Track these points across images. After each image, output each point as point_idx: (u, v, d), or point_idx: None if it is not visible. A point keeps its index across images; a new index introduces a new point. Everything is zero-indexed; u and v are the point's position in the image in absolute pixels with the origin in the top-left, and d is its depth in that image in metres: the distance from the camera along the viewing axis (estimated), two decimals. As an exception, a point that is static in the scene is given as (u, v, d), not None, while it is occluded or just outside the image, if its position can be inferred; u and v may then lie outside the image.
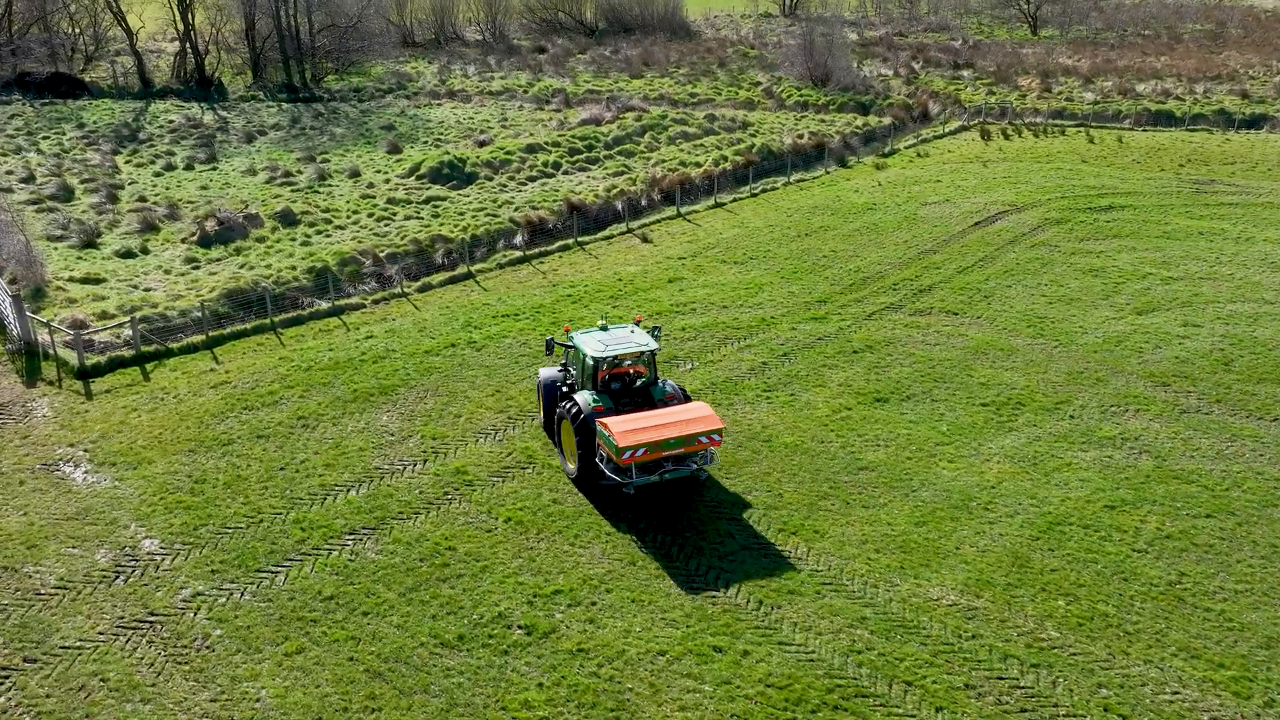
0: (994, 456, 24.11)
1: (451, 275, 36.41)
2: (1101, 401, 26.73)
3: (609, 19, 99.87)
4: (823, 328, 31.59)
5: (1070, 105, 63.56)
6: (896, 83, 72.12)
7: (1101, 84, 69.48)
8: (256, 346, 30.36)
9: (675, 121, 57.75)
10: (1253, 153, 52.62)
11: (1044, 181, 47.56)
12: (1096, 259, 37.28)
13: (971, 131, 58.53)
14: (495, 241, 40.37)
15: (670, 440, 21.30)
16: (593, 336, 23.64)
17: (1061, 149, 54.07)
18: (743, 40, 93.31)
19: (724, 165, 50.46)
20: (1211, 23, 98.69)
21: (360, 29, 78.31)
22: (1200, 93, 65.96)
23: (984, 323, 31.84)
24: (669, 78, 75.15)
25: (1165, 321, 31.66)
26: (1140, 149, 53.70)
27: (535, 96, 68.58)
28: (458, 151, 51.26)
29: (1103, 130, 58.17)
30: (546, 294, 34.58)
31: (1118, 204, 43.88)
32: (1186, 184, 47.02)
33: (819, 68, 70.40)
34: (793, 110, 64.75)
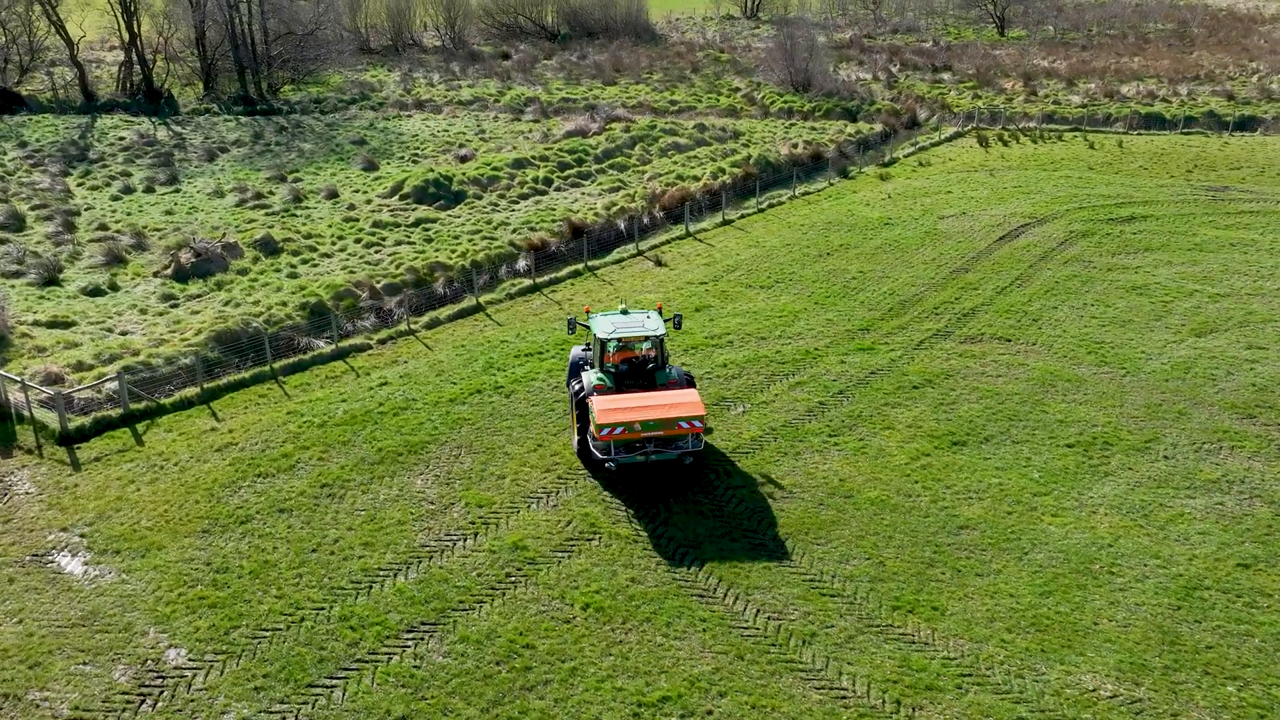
0: (1099, 508, 22.07)
1: (460, 309, 33.56)
2: (1191, 438, 24.88)
3: (571, 23, 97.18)
4: (873, 359, 29.40)
5: (1059, 109, 62.40)
6: (878, 87, 70.53)
7: (1084, 86, 68.56)
8: (258, 399, 27.28)
9: (665, 132, 55.32)
10: (1255, 157, 51.72)
11: (1056, 191, 46.00)
12: (1135, 275, 35.64)
13: (967, 138, 56.96)
14: (497, 268, 37.59)
15: (649, 422, 21.93)
16: (608, 319, 24.60)
17: (1064, 155, 52.68)
18: (711, 44, 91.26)
19: (723, 178, 48.17)
20: (1173, 22, 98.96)
21: (316, 37, 74.73)
22: (1185, 94, 65.29)
23: (1041, 350, 29.90)
24: (644, 84, 72.74)
25: (1228, 345, 30.01)
26: (1143, 154, 52.51)
27: (508, 106, 65.70)
28: (442, 168, 48.28)
29: (1099, 135, 57.00)
30: (566, 326, 31.89)
31: (1138, 214, 42.43)
32: (1200, 191, 45.80)
33: (799, 73, 68.50)
34: (779, 118, 62.72)
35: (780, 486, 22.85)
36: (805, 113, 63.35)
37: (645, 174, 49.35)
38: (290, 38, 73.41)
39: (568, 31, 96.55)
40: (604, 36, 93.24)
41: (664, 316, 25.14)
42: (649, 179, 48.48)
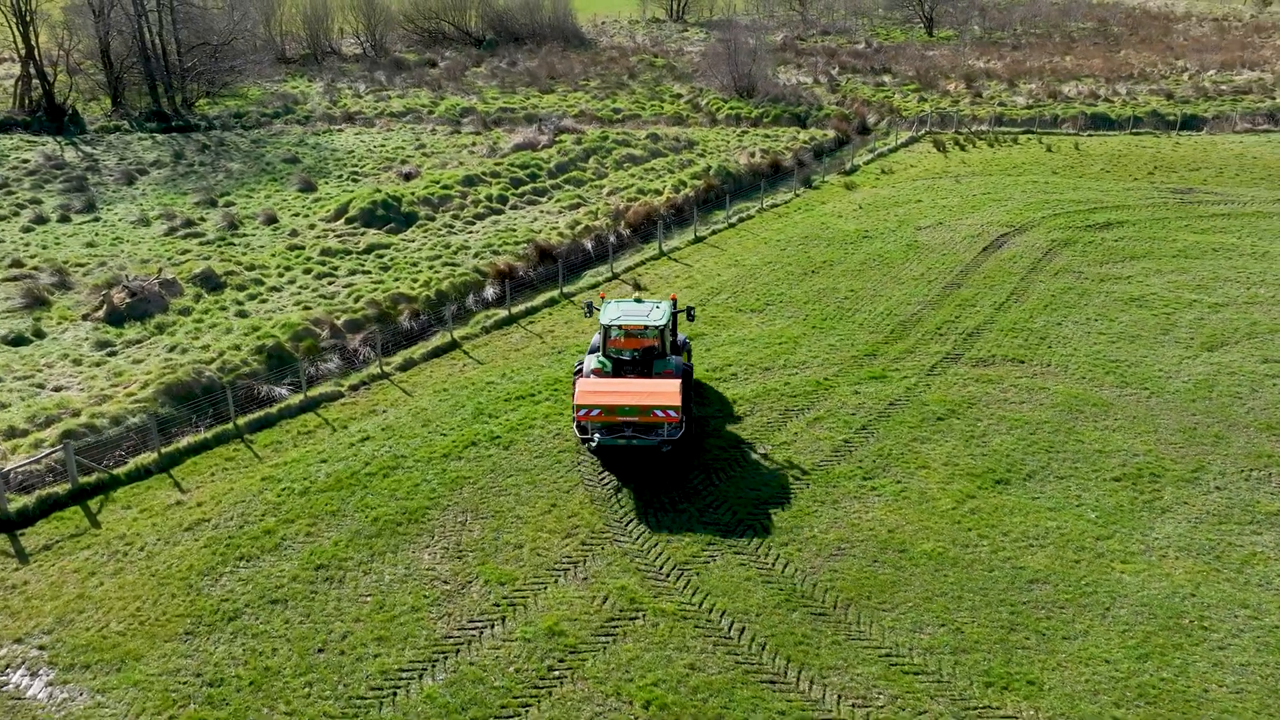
0: (1167, 550, 20.62)
1: (434, 346, 30.86)
2: (1237, 465, 23.70)
3: (496, 29, 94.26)
4: (888, 389, 27.69)
5: (1006, 110, 62.01)
6: (821, 91, 69.45)
7: (1025, 86, 68.46)
8: (226, 463, 24.28)
9: (618, 143, 53.10)
10: (1209, 157, 51.77)
11: (1026, 197, 45.16)
12: (1129, 285, 34.72)
13: (923, 143, 56.03)
14: (464, 296, 34.96)
15: (624, 407, 22.82)
16: (618, 306, 25.69)
17: (1024, 159, 52.03)
18: (642, 48, 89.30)
19: (685, 191, 46.21)
20: (1093, 20, 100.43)
21: (232, 47, 70.60)
22: (1124, 94, 65.58)
23: (1057, 371, 28.57)
24: (583, 92, 70.43)
25: (1241, 359, 29.10)
26: (1101, 156, 52.16)
27: (444, 118, 62.71)
28: (389, 188, 45.29)
29: (1053, 137, 56.62)
30: (554, 363, 29.54)
31: (1114, 220, 41.74)
32: (1167, 194, 45.43)
33: (742, 78, 66.96)
34: (728, 125, 61.06)
35: (827, 542, 20.90)
36: (753, 119, 61.81)
37: (603, 188, 47.09)
38: (204, 48, 69.16)
39: (493, 37, 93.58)
40: (531, 42, 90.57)
41: (678, 309, 26.11)
42: (609, 194, 46.25)
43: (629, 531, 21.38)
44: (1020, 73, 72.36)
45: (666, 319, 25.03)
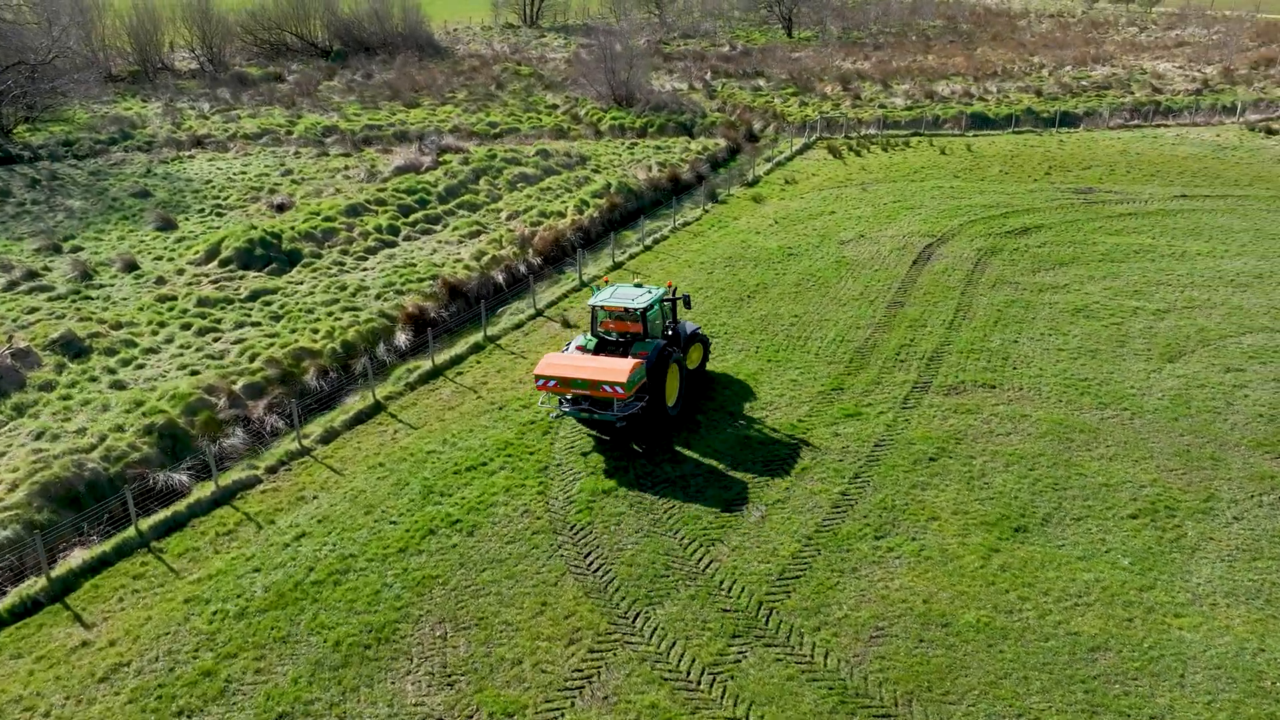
0: (1214, 597, 19.28)
1: (356, 411, 27.14)
2: (1244, 490, 22.75)
3: (343, 38, 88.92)
4: (866, 427, 25.75)
5: (888, 113, 61.74)
6: (699, 97, 67.81)
7: (900, 87, 68.60)
8: (135, 583, 20.18)
9: (508, 162, 49.80)
10: (1095, 154, 52.47)
11: (937, 204, 44.40)
12: (1068, 294, 34.02)
13: (817, 150, 54.93)
14: (374, 346, 31.30)
15: (576, 380, 23.81)
16: (610, 289, 26.73)
17: (921, 163, 51.49)
18: (502, 56, 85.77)
19: (589, 212, 43.48)
20: (942, 19, 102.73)
21: (54, 65, 63.50)
22: (996, 92, 66.45)
23: (1032, 395, 27.27)
24: (451, 105, 66.62)
25: (1203, 369, 28.52)
26: (995, 158, 52.15)
27: (306, 138, 57.89)
28: (265, 223, 40.78)
29: (944, 139, 56.48)
30: (501, 423, 26.38)
31: (1030, 225, 41.33)
32: (1069, 195, 45.50)
33: (620, 86, 64.58)
34: (614, 136, 58.55)
35: (862, 621, 18.65)
36: (639, 130, 59.52)
37: (501, 212, 43.81)
38: (21, 68, 61.88)
39: (341, 48, 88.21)
40: (384, 52, 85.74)
41: (673, 296, 26.87)
42: (508, 218, 43.04)
43: (638, 628, 18.62)
44: (891, 73, 72.61)
45: (650, 303, 25.60)
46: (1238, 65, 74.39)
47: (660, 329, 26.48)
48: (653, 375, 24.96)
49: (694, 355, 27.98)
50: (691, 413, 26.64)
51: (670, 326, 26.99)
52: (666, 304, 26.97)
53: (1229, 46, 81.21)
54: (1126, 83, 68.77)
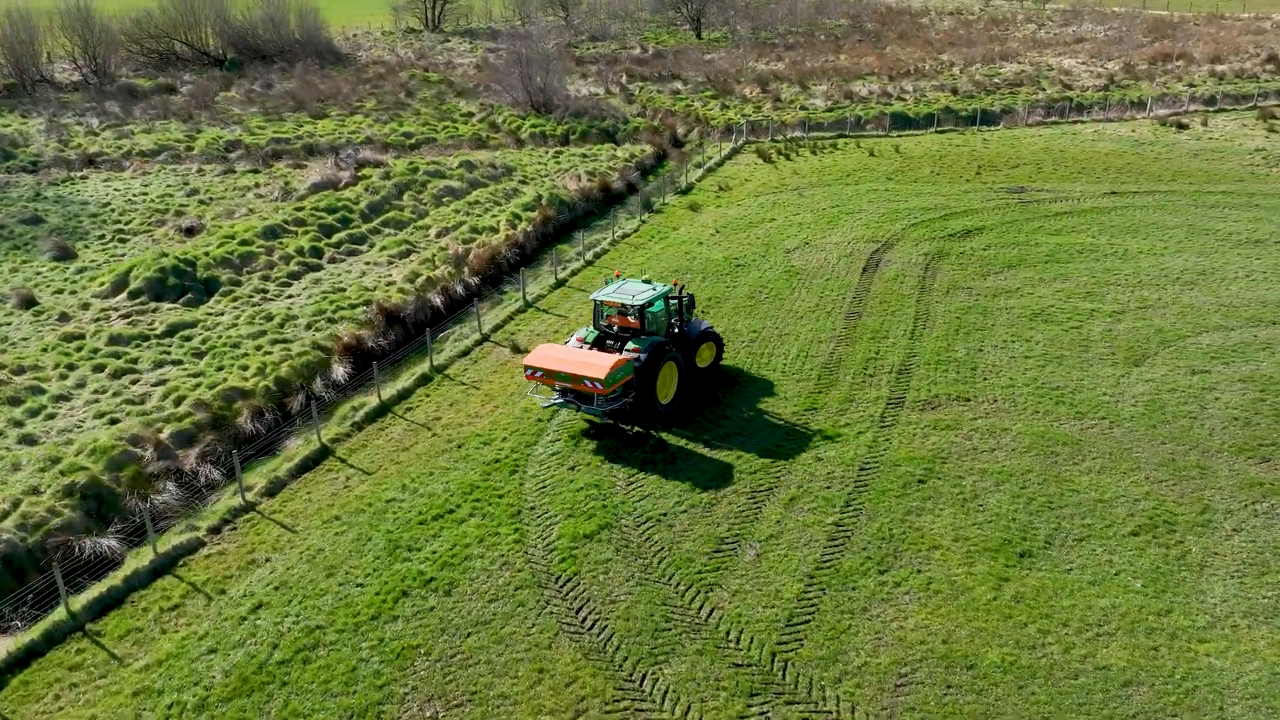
0: (1234, 618, 18.72)
1: (301, 458, 24.96)
2: (1237, 499, 22.39)
3: (238, 46, 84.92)
4: (847, 449, 24.72)
5: (811, 115, 61.34)
6: (618, 102, 66.46)
7: (816, 88, 68.37)
8: (72, 675, 17.83)
9: (431, 175, 47.61)
10: (1020, 151, 52.80)
11: (876, 208, 43.89)
12: (1023, 298, 33.69)
13: (746, 154, 54.07)
14: (310, 381, 29.12)
15: (560, 373, 24.55)
16: (618, 284, 26.93)
17: (852, 166, 51.03)
18: (408, 62, 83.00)
19: (523, 226, 41.73)
20: (847, 18, 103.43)
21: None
22: (912, 91, 66.71)
23: (1007, 407, 26.64)
24: (360, 115, 63.87)
25: (1169, 372, 28.32)
26: (924, 158, 52.03)
27: (208, 154, 54.65)
28: (177, 249, 37.93)
29: (870, 140, 56.21)
30: (463, 463, 24.56)
31: (971, 227, 41.08)
32: (1003, 194, 45.50)
33: (538, 92, 62.79)
34: (536, 145, 56.75)
35: (883, 668, 17.52)
36: (560, 137, 57.85)
37: (429, 229, 41.72)
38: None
39: (235, 56, 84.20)
40: (282, 60, 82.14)
41: (680, 294, 26.99)
42: (438, 235, 40.99)
43: (648, 692, 17.14)
44: (806, 74, 72.39)
45: (649, 300, 25.73)
46: (1137, 61, 76.32)
47: (664, 326, 26.59)
48: (645, 372, 25.01)
49: (705, 354, 27.95)
50: (695, 411, 26.44)
51: (676, 324, 27.09)
52: (672, 302, 27.16)
53: (1125, 42, 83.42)
54: (1036, 79, 69.82)
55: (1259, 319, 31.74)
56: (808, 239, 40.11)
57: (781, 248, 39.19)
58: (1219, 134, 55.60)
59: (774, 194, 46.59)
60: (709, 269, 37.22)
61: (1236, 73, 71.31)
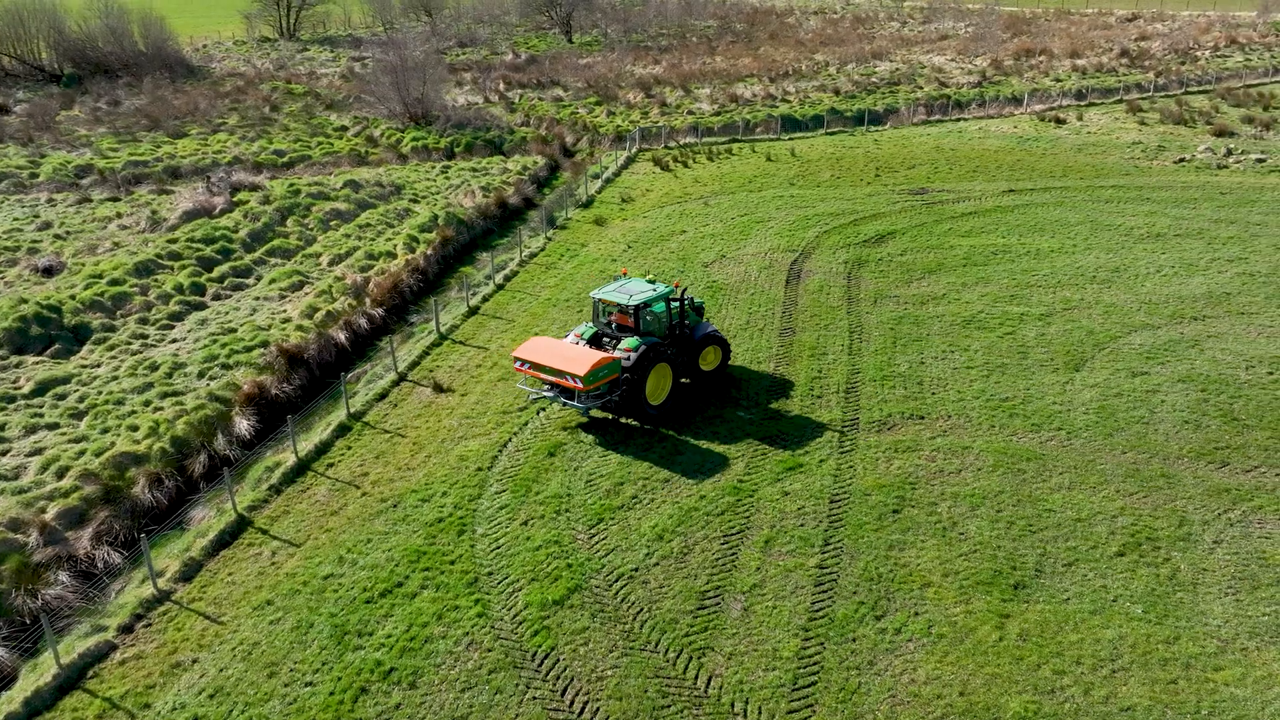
0: (1240, 640, 18.21)
1: (217, 533, 22.16)
2: (1211, 510, 22.08)
3: (76, 61, 78.67)
4: (813, 480, 23.50)
5: (700, 120, 60.39)
6: (499, 111, 64.13)
7: (700, 91, 67.54)
8: (-27, 832, 14.93)
9: (314, 197, 44.43)
10: (914, 152, 53.01)
11: (785, 215, 43.10)
12: (950, 304, 33.28)
13: (641, 163, 52.63)
14: (211, 438, 26.21)
15: (544, 367, 24.95)
16: (621, 282, 27.09)
17: (752, 171, 50.20)
18: (267, 74, 78.47)
19: (422, 249, 39.25)
20: (715, 19, 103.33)
21: None
22: (795, 92, 66.59)
23: (963, 423, 25.92)
24: (224, 132, 59.67)
25: (1110, 377, 28.18)
26: (820, 161, 51.62)
27: (57, 181, 49.90)
28: (39, 294, 34.00)
29: (764, 144, 55.56)
30: (402, 525, 22.24)
31: (883, 231, 40.67)
32: (904, 196, 45.38)
33: (415, 103, 59.91)
34: (420, 159, 53.96)
35: (910, 734, 16.27)
36: (444, 150, 55.22)
37: (320, 257, 38.75)
38: None
39: (74, 72, 77.94)
40: (128, 74, 76.44)
41: (682, 296, 27.06)
42: (330, 263, 38.10)
43: None
44: (687, 77, 71.52)
45: (645, 300, 25.76)
46: (1003, 57, 78.34)
47: (663, 327, 26.64)
48: (634, 371, 25.08)
49: (709, 357, 27.95)
50: (696, 411, 26.75)
51: (678, 326, 27.16)
52: (674, 303, 27.25)
53: (988, 39, 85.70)
54: (912, 78, 70.74)
55: (1180, 315, 32.09)
56: (723, 251, 38.93)
57: (698, 261, 37.89)
58: (1095, 128, 57.18)
59: (679, 204, 45.30)
60: (628, 288, 35.57)
61: (1095, 67, 73.92)
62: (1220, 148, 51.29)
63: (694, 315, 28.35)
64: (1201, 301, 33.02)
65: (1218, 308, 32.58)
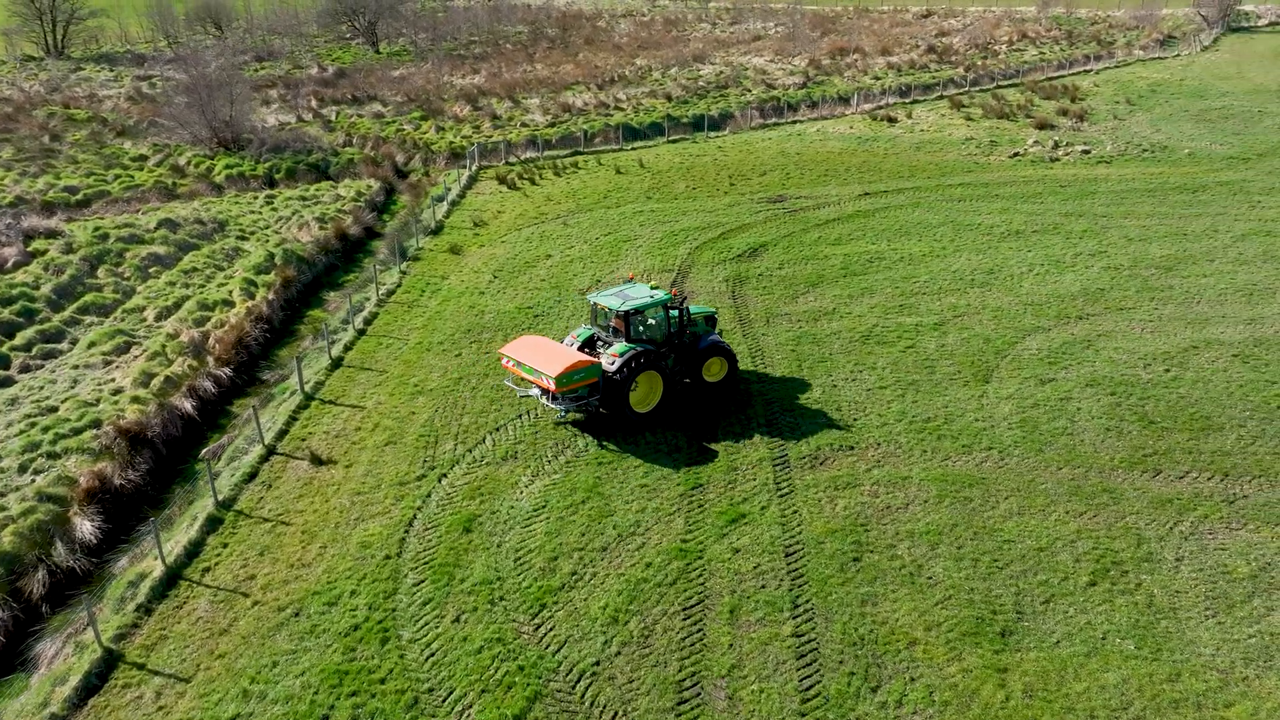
0: (1238, 670, 17.63)
1: (81, 677, 18.22)
2: (1164, 524, 21.70)
3: None
4: (761, 532, 21.76)
5: (537, 132, 57.93)
6: (316, 130, 59.57)
7: (528, 102, 65.05)
8: None
9: (127, 241, 39.24)
10: (761, 158, 52.35)
11: (649, 232, 41.34)
12: (845, 320, 32.37)
13: (485, 182, 49.66)
14: (48, 549, 22.00)
15: (524, 366, 25.27)
16: (620, 287, 26.86)
17: (605, 186, 48.16)
18: (39, 98, 70.31)
19: (262, 294, 35.24)
20: (525, 24, 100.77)
21: None
22: (626, 100, 65.13)
23: (895, 452, 24.81)
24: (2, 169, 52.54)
25: (1020, 386, 27.83)
26: (671, 172, 50.16)
27: None
28: None
29: (608, 155, 53.62)
30: (311, 639, 18.98)
31: (754, 244, 39.54)
32: (764, 205, 44.51)
33: (224, 127, 54.68)
34: (239, 190, 49.09)
35: (952, 831, 14.68)
36: (264, 178, 50.51)
37: (145, 311, 34.05)
38: None
39: None
40: None
41: (681, 305, 26.63)
42: (158, 318, 33.54)
43: None
44: (510, 87, 68.81)
45: (636, 308, 25.44)
46: (820, 57, 79.50)
47: (660, 334, 26.31)
48: (617, 376, 24.96)
49: (714, 368, 27.38)
50: (711, 423, 26.27)
51: (678, 335, 26.66)
52: (673, 312, 26.88)
53: (800, 39, 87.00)
54: (738, 80, 70.58)
55: (1065, 315, 32.31)
56: (596, 275, 36.76)
57: (573, 288, 35.58)
58: (926, 125, 58.34)
59: (535, 225, 42.77)
60: (505, 323, 32.88)
61: (908, 64, 76.03)
62: (1047, 140, 53.18)
63: (703, 325, 27.83)
64: (1080, 299, 33.41)
65: (1096, 304, 33.03)
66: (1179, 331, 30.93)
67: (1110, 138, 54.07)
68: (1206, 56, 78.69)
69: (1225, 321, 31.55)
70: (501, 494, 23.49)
